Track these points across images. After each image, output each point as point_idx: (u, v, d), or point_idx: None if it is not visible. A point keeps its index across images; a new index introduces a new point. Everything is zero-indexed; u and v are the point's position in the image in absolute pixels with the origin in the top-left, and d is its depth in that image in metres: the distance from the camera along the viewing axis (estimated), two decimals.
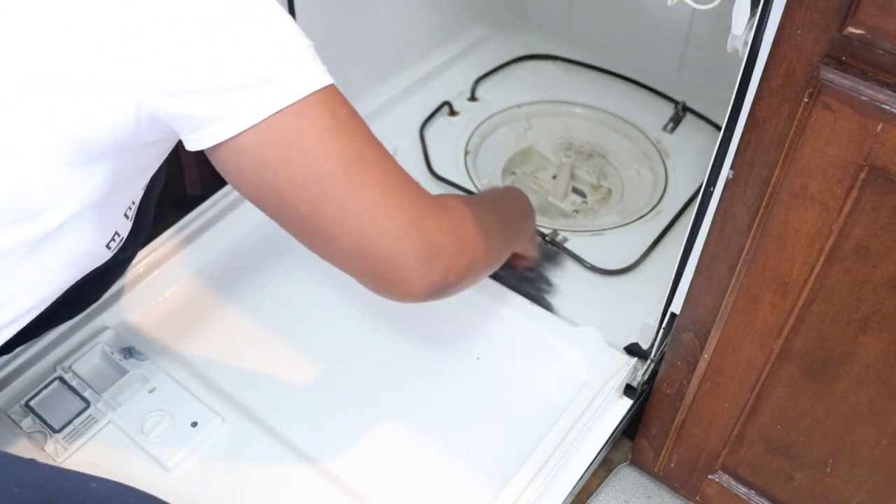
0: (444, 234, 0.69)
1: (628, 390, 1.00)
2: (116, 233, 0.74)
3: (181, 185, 1.28)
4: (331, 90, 0.65)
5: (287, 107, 0.61)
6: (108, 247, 0.74)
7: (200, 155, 0.65)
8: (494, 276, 1.08)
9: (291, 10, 1.09)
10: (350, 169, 0.64)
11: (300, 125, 0.62)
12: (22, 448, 0.93)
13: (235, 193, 1.17)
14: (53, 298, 0.72)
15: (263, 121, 0.61)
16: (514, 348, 1.05)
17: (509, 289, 1.08)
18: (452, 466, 0.95)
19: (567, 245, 1.17)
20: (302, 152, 0.63)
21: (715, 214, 0.75)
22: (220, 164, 0.65)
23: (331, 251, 0.68)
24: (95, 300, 1.00)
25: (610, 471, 1.09)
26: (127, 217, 0.75)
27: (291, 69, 0.62)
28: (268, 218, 0.69)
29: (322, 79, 0.64)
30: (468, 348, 1.06)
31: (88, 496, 0.65)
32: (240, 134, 0.61)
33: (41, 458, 0.92)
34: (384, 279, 0.69)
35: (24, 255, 0.65)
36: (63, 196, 0.64)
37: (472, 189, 1.23)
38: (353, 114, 0.66)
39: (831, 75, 0.60)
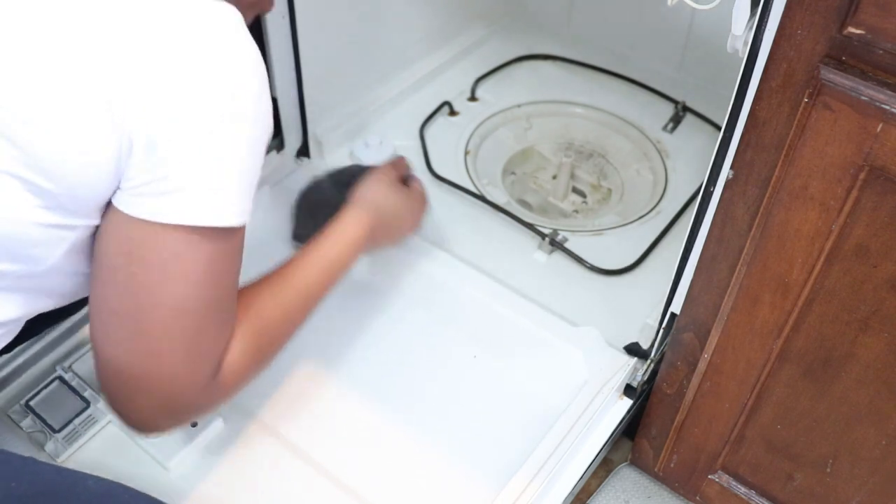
0: (199, 404, 0.70)
1: (628, 390, 1.00)
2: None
3: None
4: (236, 233, 0.65)
5: (189, 226, 0.61)
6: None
7: None
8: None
9: (291, 10, 1.09)
10: (180, 316, 0.64)
11: (181, 250, 0.62)
12: (22, 448, 0.93)
13: None
14: (69, 302, 0.73)
15: (162, 224, 0.61)
16: (514, 348, 1.05)
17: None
18: (452, 466, 0.95)
19: (567, 245, 1.17)
20: (162, 272, 0.63)
21: (715, 214, 0.75)
22: (106, 222, 0.64)
23: (103, 344, 0.67)
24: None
25: (610, 471, 1.09)
26: None
27: (225, 196, 0.62)
28: (268, 218, 0.70)
29: (238, 218, 0.64)
30: (467, 348, 1.06)
31: (85, 492, 0.65)
32: (139, 219, 0.61)
33: (41, 458, 0.92)
34: (116, 404, 0.69)
35: (16, 280, 0.66)
36: (49, 241, 0.64)
37: (472, 189, 1.23)
38: (233, 262, 0.67)
39: (831, 75, 0.60)
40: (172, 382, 0.66)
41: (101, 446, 0.94)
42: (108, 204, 0.63)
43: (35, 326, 0.75)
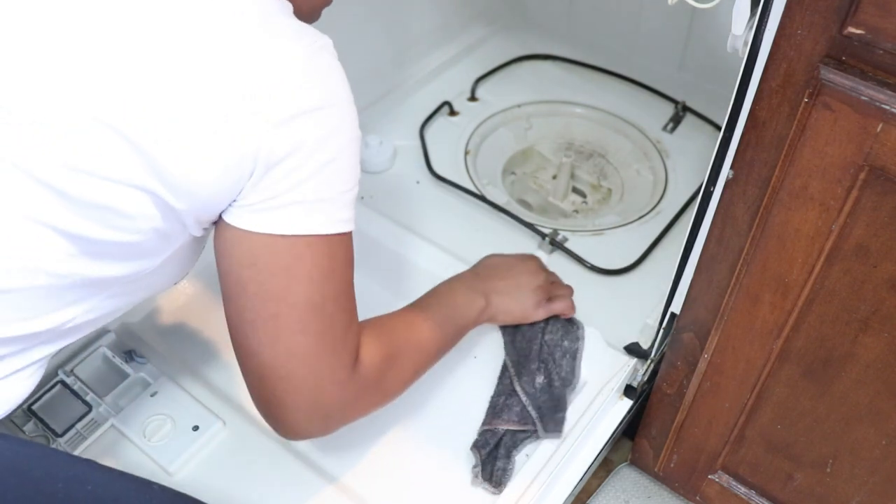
0: (345, 400, 0.75)
1: (628, 390, 1.00)
2: (186, 272, 0.79)
3: None
4: (346, 237, 0.71)
5: (307, 235, 0.67)
6: (175, 283, 0.79)
7: None
8: None
9: None
10: (310, 311, 0.70)
11: (302, 254, 0.68)
12: None
13: None
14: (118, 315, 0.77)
15: (283, 235, 0.66)
16: None
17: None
18: (453, 467, 0.95)
19: (567, 245, 1.17)
20: (288, 276, 0.68)
21: (715, 214, 0.75)
22: (223, 240, 0.69)
23: (246, 356, 0.73)
24: None
25: (610, 471, 1.09)
26: (198, 254, 0.79)
27: (335, 206, 0.68)
28: None
29: (347, 225, 0.70)
30: (468, 348, 1.06)
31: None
32: (260, 233, 0.66)
33: None
34: (269, 410, 0.75)
35: (124, 286, 0.70)
36: (163, 248, 0.69)
37: (472, 189, 1.23)
38: (347, 263, 0.72)
39: (831, 75, 0.60)
40: (316, 378, 0.72)
41: (104, 450, 0.94)
42: (217, 220, 0.68)
43: None
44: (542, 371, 0.99)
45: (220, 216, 0.68)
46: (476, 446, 0.95)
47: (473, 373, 1.04)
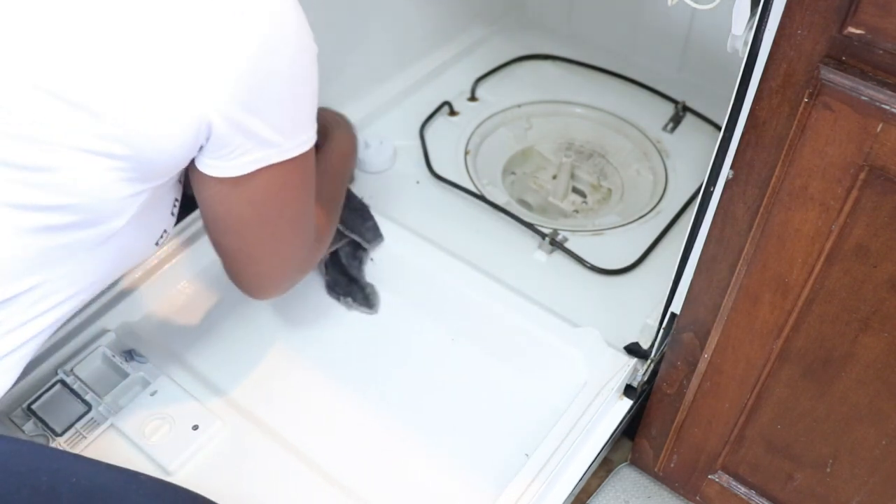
0: (310, 263, 0.91)
1: (628, 390, 1.00)
2: (164, 230, 0.81)
3: (181, 185, 1.28)
4: (311, 149, 0.77)
5: (288, 160, 0.74)
6: (156, 244, 0.81)
7: None
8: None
9: None
10: (300, 219, 0.83)
11: (286, 180, 0.76)
12: None
13: None
14: (102, 288, 0.80)
15: (269, 167, 0.73)
16: (514, 348, 1.05)
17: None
18: (453, 467, 0.95)
19: (567, 245, 1.17)
20: (281, 199, 0.77)
21: (715, 214, 0.75)
22: (213, 191, 0.75)
23: (234, 258, 0.84)
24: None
25: (610, 471, 1.09)
26: (172, 214, 0.81)
27: (305, 131, 0.75)
28: None
29: (313, 139, 0.77)
30: (467, 348, 1.06)
31: (139, 489, 0.69)
32: (238, 177, 0.73)
33: None
34: (252, 290, 0.89)
35: (91, 250, 0.71)
36: (126, 207, 0.70)
37: (472, 189, 1.23)
38: (311, 166, 0.80)
39: (831, 75, 0.60)
40: (300, 262, 0.88)
41: (103, 449, 0.94)
42: (192, 168, 0.72)
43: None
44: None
45: (196, 169, 0.72)
46: (330, 288, 1.11)
47: (473, 373, 1.04)
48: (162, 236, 0.80)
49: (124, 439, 0.94)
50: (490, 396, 1.02)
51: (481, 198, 1.22)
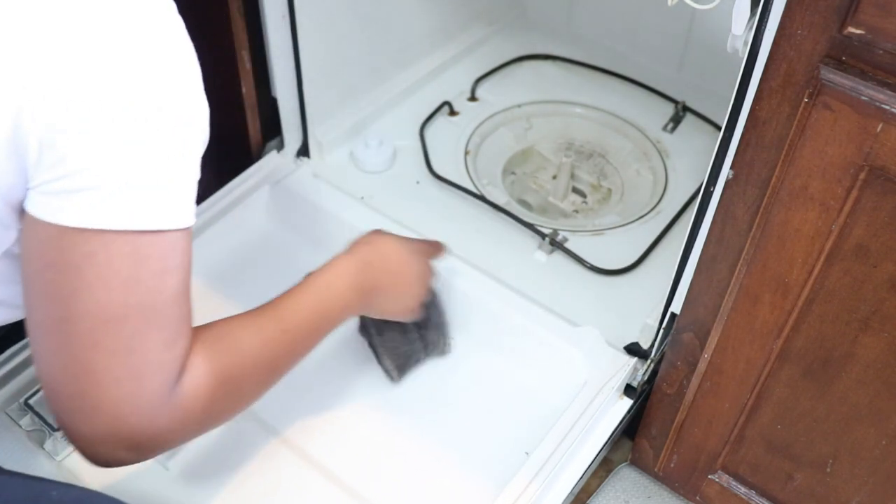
0: (158, 429, 0.61)
1: (628, 390, 1.00)
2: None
3: None
4: (167, 238, 0.58)
5: (100, 229, 0.56)
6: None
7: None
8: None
9: (291, 11, 1.09)
10: (105, 324, 0.58)
11: (95, 252, 0.56)
12: (21, 446, 0.93)
13: (233, 194, 1.18)
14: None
15: (72, 227, 0.55)
16: (514, 348, 1.05)
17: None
18: (453, 467, 0.95)
19: (567, 245, 1.17)
20: (78, 277, 0.57)
21: (715, 214, 0.75)
22: (24, 230, 0.59)
23: (36, 361, 0.62)
24: None
25: (610, 471, 1.09)
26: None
27: (143, 196, 0.56)
28: (267, 219, 0.68)
29: (166, 221, 0.58)
30: (467, 348, 1.06)
31: None
32: (47, 222, 0.56)
33: (40, 457, 0.92)
34: (65, 429, 0.61)
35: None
36: None
37: (472, 189, 1.23)
38: (168, 270, 0.59)
39: (831, 75, 0.60)
40: (117, 402, 0.59)
41: None
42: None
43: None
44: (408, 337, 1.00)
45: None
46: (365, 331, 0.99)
47: (473, 373, 1.04)
48: None
49: None
50: (490, 395, 1.02)
51: (481, 198, 1.22)
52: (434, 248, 1.00)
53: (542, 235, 1.17)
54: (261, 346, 0.72)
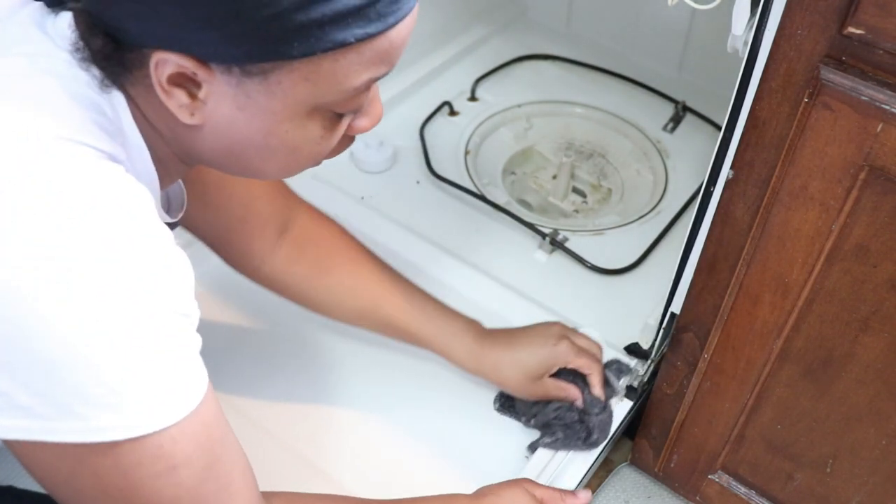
0: None
1: (629, 391, 1.00)
2: None
3: None
4: (147, 444, 0.51)
5: (82, 444, 0.50)
6: None
7: None
8: None
9: None
10: None
11: (78, 465, 0.51)
12: None
13: None
14: None
15: (43, 444, 0.50)
16: None
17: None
18: (453, 467, 0.95)
19: (567, 245, 1.17)
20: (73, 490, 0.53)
21: (715, 214, 0.75)
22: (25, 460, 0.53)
23: None
24: None
25: (610, 471, 1.09)
26: None
27: (93, 414, 0.49)
28: None
29: (119, 428, 0.50)
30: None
31: None
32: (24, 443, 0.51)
33: None
34: None
35: None
36: None
37: (472, 189, 1.23)
38: (160, 473, 0.53)
39: (831, 75, 0.60)
40: None
41: None
42: None
43: None
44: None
45: None
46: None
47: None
48: None
49: None
50: (490, 396, 1.02)
51: (481, 198, 1.22)
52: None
53: (543, 235, 1.17)
54: None
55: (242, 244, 0.88)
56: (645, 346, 1.00)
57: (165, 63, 0.52)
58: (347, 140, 0.63)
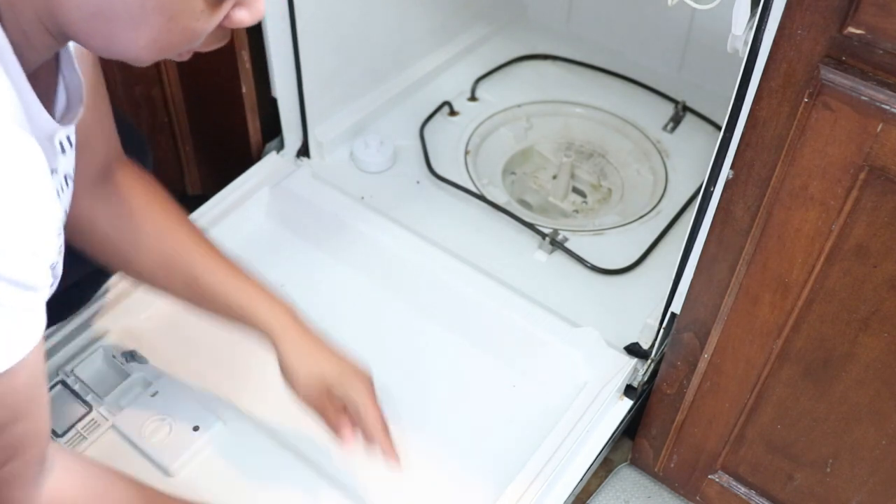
0: None
1: (628, 391, 1.00)
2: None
3: (181, 185, 1.28)
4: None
5: None
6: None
7: (200, 154, 0.62)
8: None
9: (291, 10, 1.09)
10: None
11: None
12: None
13: (234, 195, 1.18)
14: None
15: None
16: (514, 349, 1.05)
17: None
18: (454, 467, 0.95)
19: (567, 245, 1.17)
20: None
21: (715, 214, 0.75)
22: None
23: None
24: (86, 302, 1.00)
25: (610, 471, 1.09)
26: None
27: None
28: (267, 220, 0.65)
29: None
30: (468, 349, 1.06)
31: None
32: None
33: None
34: None
35: None
36: None
37: (472, 189, 1.23)
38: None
39: (831, 75, 0.60)
40: None
41: (104, 450, 0.93)
42: None
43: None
44: None
45: None
46: None
47: (474, 374, 1.04)
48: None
49: (125, 440, 0.94)
50: (490, 396, 1.02)
51: (481, 198, 1.22)
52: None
53: (543, 235, 1.17)
54: None
55: None
56: (645, 346, 1.00)
57: None
58: (222, 32, 0.58)
